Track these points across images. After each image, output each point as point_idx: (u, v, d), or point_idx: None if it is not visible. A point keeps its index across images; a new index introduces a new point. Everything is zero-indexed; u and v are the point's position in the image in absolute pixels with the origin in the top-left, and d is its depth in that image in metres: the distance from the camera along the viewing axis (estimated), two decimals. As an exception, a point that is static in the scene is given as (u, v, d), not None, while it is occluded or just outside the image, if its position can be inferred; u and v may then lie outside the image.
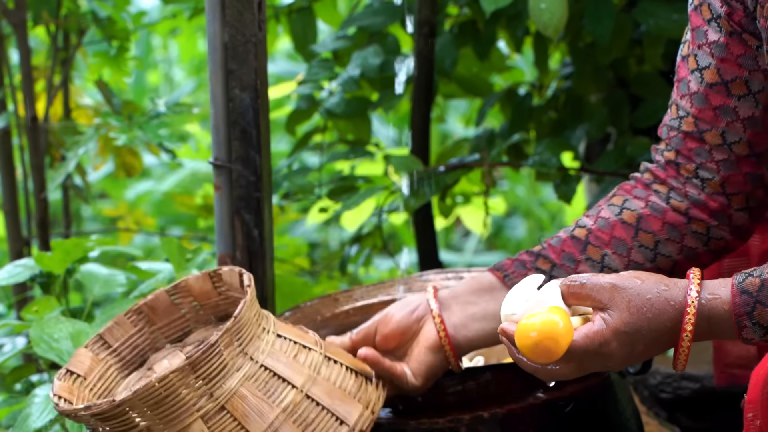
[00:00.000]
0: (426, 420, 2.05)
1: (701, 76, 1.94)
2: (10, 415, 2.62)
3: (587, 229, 2.04)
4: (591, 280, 1.72)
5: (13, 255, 3.28)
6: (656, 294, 1.70)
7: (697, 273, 1.72)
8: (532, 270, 2.04)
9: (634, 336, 1.69)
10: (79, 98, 3.51)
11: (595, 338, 1.70)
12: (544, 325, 1.69)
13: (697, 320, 1.69)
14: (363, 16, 3.18)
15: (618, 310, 1.70)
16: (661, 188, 2.03)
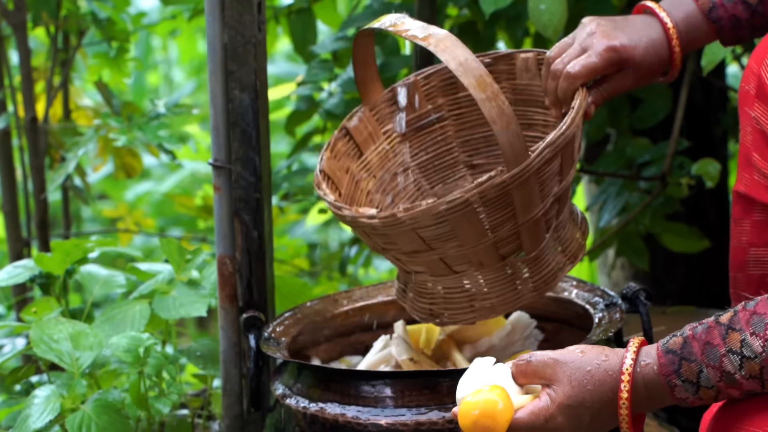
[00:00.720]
0: (425, 420, 2.05)
1: None
2: (9, 416, 2.62)
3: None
4: (535, 357, 1.77)
5: (12, 256, 3.28)
6: (596, 365, 1.74)
7: (636, 341, 1.75)
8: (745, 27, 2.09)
9: (578, 409, 1.73)
10: (78, 99, 3.51)
11: (540, 414, 1.74)
12: (484, 403, 1.74)
13: (633, 387, 1.71)
14: (362, 16, 3.18)
15: (561, 384, 1.74)
16: None
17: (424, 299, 2.14)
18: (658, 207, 3.10)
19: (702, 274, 3.45)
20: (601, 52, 2.07)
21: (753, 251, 1.95)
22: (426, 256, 2.03)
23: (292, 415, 2.15)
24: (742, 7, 2.10)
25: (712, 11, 2.10)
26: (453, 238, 1.99)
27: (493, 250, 2.03)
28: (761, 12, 2.11)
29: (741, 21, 2.11)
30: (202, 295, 2.54)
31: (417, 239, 1.99)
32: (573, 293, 2.35)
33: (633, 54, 2.08)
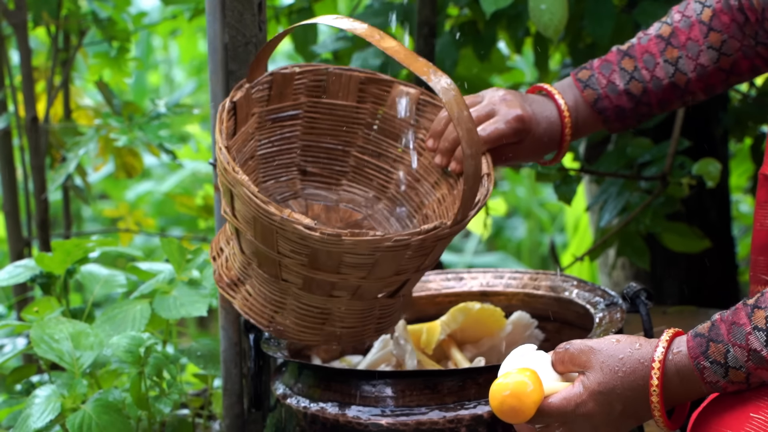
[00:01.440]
0: (426, 420, 2.05)
1: None
2: (10, 416, 2.62)
3: (687, 77, 2.14)
4: (573, 345, 1.77)
5: (13, 256, 3.28)
6: (628, 353, 1.74)
7: (670, 331, 1.75)
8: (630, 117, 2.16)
9: (609, 396, 1.73)
10: (79, 99, 3.51)
11: (572, 399, 1.74)
12: (514, 385, 1.74)
13: (664, 375, 1.71)
14: (363, 16, 3.18)
15: (594, 371, 1.74)
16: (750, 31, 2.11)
17: (268, 305, 2.09)
18: (658, 207, 3.10)
19: (703, 273, 3.45)
20: (509, 119, 2.11)
21: None
22: (323, 276, 1.99)
23: (292, 415, 2.15)
24: (626, 98, 2.15)
25: (597, 102, 2.15)
26: (366, 270, 1.98)
27: (381, 287, 2.03)
28: (645, 102, 2.16)
29: (626, 111, 2.16)
30: (202, 295, 2.54)
31: (334, 261, 1.96)
32: (574, 293, 2.35)
33: (536, 128, 2.13)
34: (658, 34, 2.15)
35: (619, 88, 2.14)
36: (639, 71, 2.14)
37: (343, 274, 1.98)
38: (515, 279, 2.47)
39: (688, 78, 2.13)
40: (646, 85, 2.14)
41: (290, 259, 1.98)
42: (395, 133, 2.24)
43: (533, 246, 5.80)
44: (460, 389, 2.06)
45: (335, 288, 2.01)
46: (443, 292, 2.49)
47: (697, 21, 2.13)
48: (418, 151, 2.23)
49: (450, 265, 5.05)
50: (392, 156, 2.25)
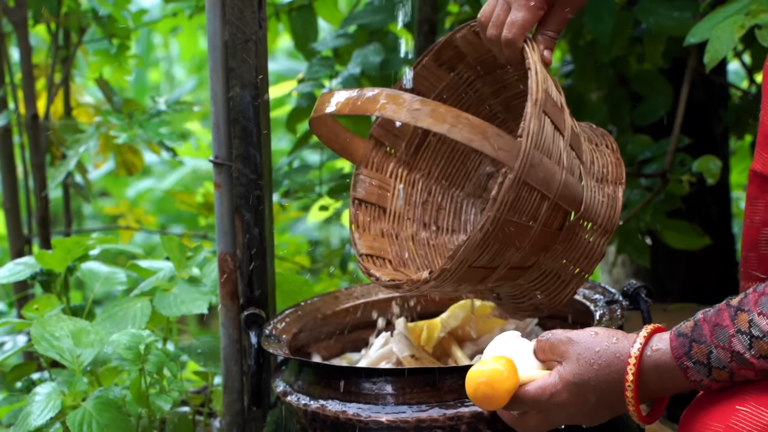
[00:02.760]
0: (426, 417, 2.05)
1: None
2: (11, 413, 2.62)
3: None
4: (554, 335, 1.78)
5: (13, 253, 3.28)
6: (605, 347, 1.75)
7: (649, 327, 1.75)
8: None
9: (583, 387, 1.74)
10: (79, 96, 3.51)
11: (546, 389, 1.76)
12: (489, 373, 1.76)
13: (642, 371, 1.72)
14: (363, 14, 3.18)
15: (569, 362, 1.76)
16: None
17: (522, 298, 2.15)
18: (659, 204, 3.10)
19: (703, 271, 3.45)
20: (524, 2, 2.04)
21: (766, 231, 1.95)
22: (496, 274, 2.04)
23: (292, 413, 2.15)
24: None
25: None
26: (507, 248, 1.99)
27: (545, 233, 2.02)
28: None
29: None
30: (203, 293, 2.54)
31: (478, 271, 2.00)
32: (574, 290, 2.35)
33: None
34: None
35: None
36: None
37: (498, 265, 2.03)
38: (515, 276, 2.47)
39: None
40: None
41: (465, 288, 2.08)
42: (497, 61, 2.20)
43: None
44: (460, 386, 2.06)
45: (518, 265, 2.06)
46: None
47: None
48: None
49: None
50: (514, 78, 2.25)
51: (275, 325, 2.33)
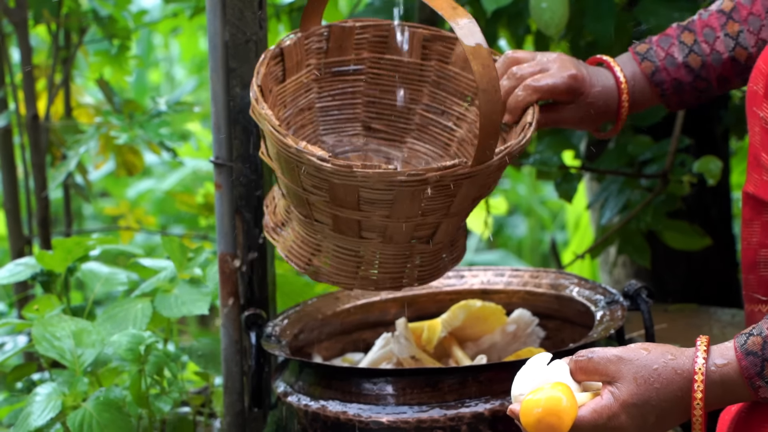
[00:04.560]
0: (427, 418, 2.05)
1: None
2: (11, 414, 2.62)
3: (748, 52, 2.11)
4: (598, 354, 1.72)
5: (14, 253, 3.28)
6: (663, 364, 1.70)
7: (704, 340, 1.72)
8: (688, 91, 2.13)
9: (644, 408, 1.70)
10: (80, 97, 3.51)
11: (603, 412, 1.70)
12: (547, 401, 1.69)
13: (707, 387, 1.69)
14: (364, 14, 3.18)
15: (625, 382, 1.70)
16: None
17: (306, 247, 2.11)
18: (659, 205, 3.10)
19: (703, 271, 3.45)
20: (565, 76, 2.09)
21: (764, 252, 1.94)
22: (347, 213, 2.00)
23: (293, 413, 2.15)
24: (685, 71, 2.13)
25: (654, 74, 2.13)
26: (387, 208, 1.97)
27: (410, 231, 2.02)
28: (704, 76, 2.14)
29: (683, 84, 2.14)
30: (203, 293, 2.54)
31: (353, 196, 1.96)
32: (574, 291, 2.35)
33: (590, 90, 2.12)
34: (720, 8, 2.12)
35: (677, 61, 2.12)
36: (698, 44, 2.12)
37: (365, 211, 1.97)
38: (516, 277, 2.47)
39: (749, 53, 2.10)
40: (705, 59, 2.12)
41: (314, 195, 1.99)
42: (459, 90, 2.24)
43: (534, 244, 5.80)
44: (461, 387, 2.06)
45: (362, 228, 2.01)
46: (444, 290, 2.49)
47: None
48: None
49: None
50: (456, 113, 2.25)
51: (276, 325, 2.33)
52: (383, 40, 2.24)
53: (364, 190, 1.94)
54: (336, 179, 1.93)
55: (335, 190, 1.95)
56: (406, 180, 1.91)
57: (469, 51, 1.88)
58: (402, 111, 2.28)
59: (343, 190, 1.95)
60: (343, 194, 1.95)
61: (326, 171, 1.92)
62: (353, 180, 1.92)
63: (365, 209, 1.97)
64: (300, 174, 1.97)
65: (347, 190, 1.94)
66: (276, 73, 2.12)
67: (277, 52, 2.13)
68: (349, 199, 1.96)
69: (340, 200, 1.97)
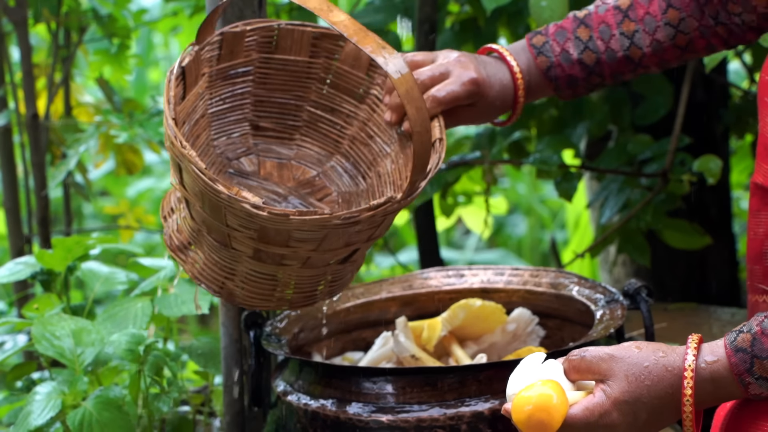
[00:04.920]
0: (426, 417, 2.05)
1: None
2: (11, 413, 2.62)
3: (642, 52, 2.12)
4: (589, 353, 1.73)
5: (14, 252, 3.28)
6: (653, 361, 1.71)
7: (695, 338, 1.73)
8: (581, 85, 2.13)
9: (635, 405, 1.70)
10: (80, 96, 3.51)
11: (594, 410, 1.70)
12: (538, 398, 1.70)
13: (697, 384, 1.69)
14: (364, 13, 3.18)
15: (617, 380, 1.71)
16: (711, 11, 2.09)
17: (219, 270, 2.07)
18: (659, 204, 3.10)
19: (703, 270, 3.45)
20: (464, 82, 2.08)
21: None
22: (273, 249, 1.99)
23: (293, 412, 2.15)
24: (579, 67, 2.13)
25: (549, 70, 2.13)
26: (315, 244, 1.98)
27: (331, 257, 2.03)
28: (598, 72, 2.14)
29: (577, 80, 2.14)
30: (203, 293, 2.54)
31: (283, 237, 1.96)
32: (574, 290, 2.35)
33: (488, 91, 2.10)
34: (617, 5, 2.13)
35: (572, 57, 2.12)
36: (594, 41, 2.12)
37: (293, 247, 1.97)
38: (516, 276, 2.47)
39: (643, 53, 2.11)
40: (599, 56, 2.12)
41: (239, 232, 1.97)
42: (349, 88, 2.23)
43: (534, 243, 5.80)
44: (460, 386, 2.06)
45: (285, 258, 2.00)
46: (444, 289, 2.49)
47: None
48: (372, 107, 2.22)
49: (451, 261, 5.05)
50: (346, 111, 2.24)
51: (275, 324, 2.33)
52: (271, 40, 2.21)
53: (297, 232, 1.94)
54: (269, 224, 1.92)
55: (266, 232, 1.95)
56: (340, 224, 1.93)
57: (402, 94, 1.90)
58: (290, 108, 2.26)
59: (275, 232, 1.94)
60: (273, 235, 1.95)
61: (259, 218, 1.91)
62: (287, 225, 1.92)
63: (294, 245, 1.97)
64: (225, 214, 1.95)
65: (279, 232, 1.94)
66: (179, 94, 2.08)
67: (179, 72, 2.08)
68: (279, 238, 1.96)
69: (268, 239, 1.96)
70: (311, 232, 1.94)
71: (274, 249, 1.98)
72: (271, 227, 1.93)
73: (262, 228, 1.94)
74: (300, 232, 1.94)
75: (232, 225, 1.96)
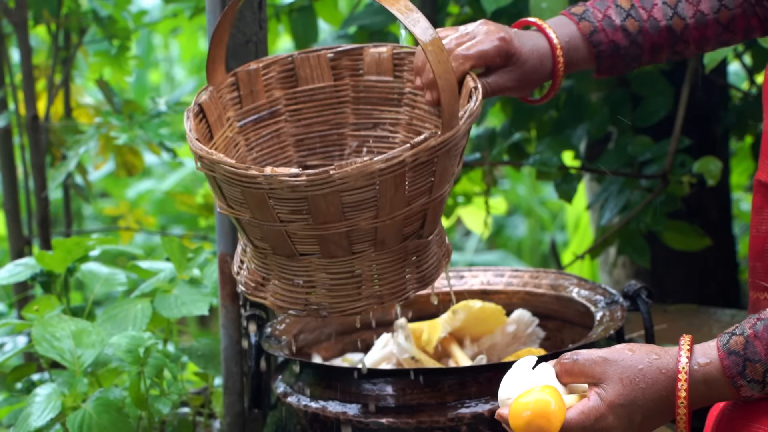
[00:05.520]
0: (427, 418, 2.05)
1: None
2: (11, 414, 2.62)
3: (685, 22, 2.09)
4: (582, 356, 1.73)
5: (14, 254, 3.28)
6: (647, 364, 1.71)
7: (687, 339, 1.73)
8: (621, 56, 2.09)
9: (630, 408, 1.70)
10: (79, 97, 3.51)
11: (590, 414, 1.70)
12: (536, 404, 1.70)
13: (691, 386, 1.70)
14: (364, 15, 3.18)
15: (611, 383, 1.71)
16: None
17: (297, 289, 2.00)
18: (659, 205, 3.10)
19: (703, 272, 3.45)
20: (493, 39, 2.04)
21: None
22: (333, 228, 1.90)
23: (293, 414, 2.15)
24: (622, 34, 2.09)
25: (593, 35, 2.09)
26: (373, 206, 1.88)
27: (400, 227, 1.94)
28: (639, 42, 2.10)
29: (619, 48, 2.10)
30: (203, 294, 2.54)
31: (335, 205, 1.86)
32: (574, 291, 2.35)
33: (520, 50, 2.06)
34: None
35: (615, 23, 2.08)
36: (636, 9, 2.10)
37: (351, 219, 1.89)
38: (516, 277, 2.47)
39: (686, 23, 2.09)
40: (642, 24, 2.09)
41: (295, 223, 1.90)
42: (383, 97, 2.18)
43: (534, 244, 5.80)
44: (460, 387, 2.06)
45: (352, 242, 1.93)
46: (444, 290, 2.49)
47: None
48: (411, 105, 2.17)
49: (451, 263, 5.05)
50: (388, 121, 2.19)
51: (276, 326, 2.33)
52: (290, 73, 2.16)
53: (346, 194, 1.86)
54: (315, 192, 1.85)
55: (316, 204, 1.86)
56: (384, 167, 1.84)
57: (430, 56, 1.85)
58: (332, 139, 2.20)
59: (324, 201, 1.86)
60: (324, 207, 1.87)
61: (301, 187, 1.84)
62: (332, 186, 1.84)
63: (351, 216, 1.89)
64: (273, 206, 1.88)
65: (329, 200, 1.86)
66: (203, 131, 2.04)
67: (198, 109, 2.05)
68: (333, 210, 1.87)
69: (323, 216, 1.88)
70: (361, 190, 1.85)
71: (335, 228, 1.89)
72: (319, 197, 1.84)
73: (311, 203, 1.86)
74: (350, 194, 1.85)
75: (284, 216, 1.89)
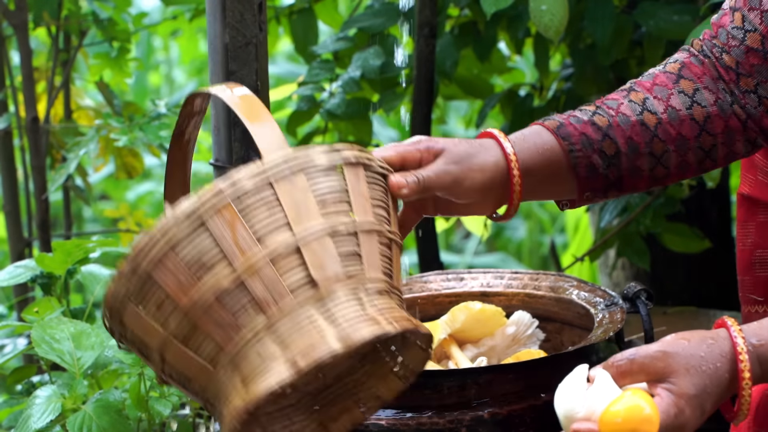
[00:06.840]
0: (426, 420, 2.05)
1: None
2: (11, 416, 2.62)
3: (657, 117, 1.91)
4: (640, 354, 1.69)
5: (14, 256, 3.28)
6: (707, 350, 1.68)
7: (734, 321, 1.71)
8: (597, 152, 1.89)
9: (701, 397, 1.67)
10: (80, 99, 3.51)
11: (669, 411, 1.65)
12: (629, 410, 1.64)
13: (751, 366, 1.68)
14: (363, 17, 3.19)
15: (679, 375, 1.67)
16: (726, 88, 1.94)
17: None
18: (659, 207, 3.10)
19: (703, 274, 3.45)
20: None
21: (759, 252, 1.94)
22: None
23: (293, 415, 2.14)
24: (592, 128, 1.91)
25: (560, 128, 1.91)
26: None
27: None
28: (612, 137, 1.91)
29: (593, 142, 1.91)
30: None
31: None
32: (574, 293, 2.35)
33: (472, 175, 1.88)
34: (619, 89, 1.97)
35: (582, 119, 1.91)
36: (602, 108, 1.93)
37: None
38: (516, 279, 2.47)
39: (658, 119, 1.92)
40: (611, 120, 1.91)
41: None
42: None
43: (533, 246, 5.80)
44: (460, 389, 2.06)
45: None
46: (443, 293, 2.49)
47: (662, 72, 1.96)
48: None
49: (450, 265, 5.06)
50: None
51: (275, 328, 2.32)
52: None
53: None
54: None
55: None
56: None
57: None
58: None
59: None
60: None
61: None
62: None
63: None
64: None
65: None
66: None
67: None
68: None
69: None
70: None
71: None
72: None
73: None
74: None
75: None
